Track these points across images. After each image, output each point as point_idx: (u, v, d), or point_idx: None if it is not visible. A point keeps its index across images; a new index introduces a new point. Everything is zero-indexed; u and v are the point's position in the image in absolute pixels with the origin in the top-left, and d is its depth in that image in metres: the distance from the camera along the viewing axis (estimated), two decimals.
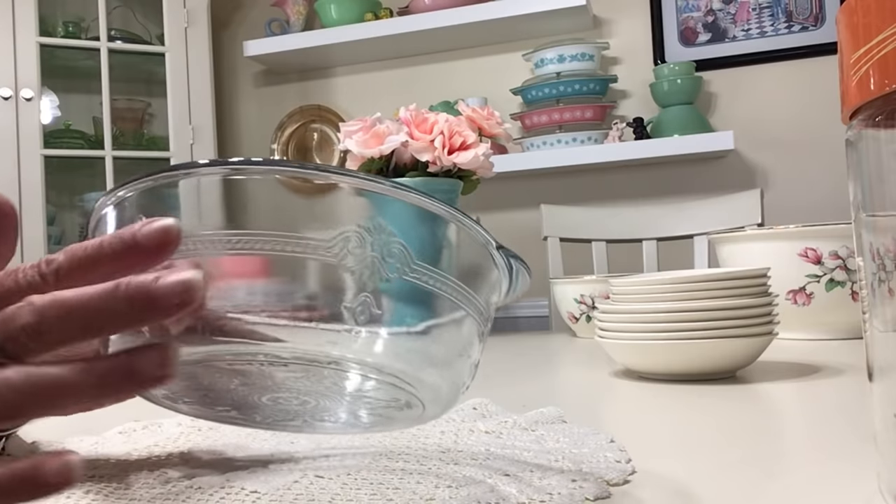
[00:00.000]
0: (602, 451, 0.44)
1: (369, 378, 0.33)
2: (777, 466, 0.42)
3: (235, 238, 0.31)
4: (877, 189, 0.30)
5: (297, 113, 2.44)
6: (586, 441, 0.47)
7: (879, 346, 0.31)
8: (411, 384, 0.33)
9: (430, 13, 2.08)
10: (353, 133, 1.16)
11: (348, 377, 0.33)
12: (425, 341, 0.33)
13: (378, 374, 0.32)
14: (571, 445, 0.46)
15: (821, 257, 0.95)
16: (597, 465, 0.41)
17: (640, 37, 2.11)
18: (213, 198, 0.33)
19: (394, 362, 0.32)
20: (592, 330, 0.82)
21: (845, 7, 0.30)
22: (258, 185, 0.32)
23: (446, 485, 0.39)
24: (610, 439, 0.47)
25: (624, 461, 0.42)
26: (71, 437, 0.54)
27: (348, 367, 0.32)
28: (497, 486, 0.38)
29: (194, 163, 0.32)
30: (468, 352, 0.35)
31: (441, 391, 0.35)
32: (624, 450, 0.45)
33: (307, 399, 0.36)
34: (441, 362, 0.34)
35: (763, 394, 0.64)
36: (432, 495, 0.38)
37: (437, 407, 0.36)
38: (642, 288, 0.73)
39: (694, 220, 1.62)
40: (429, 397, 0.34)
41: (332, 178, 0.32)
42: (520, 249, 2.00)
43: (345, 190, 0.32)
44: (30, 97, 2.03)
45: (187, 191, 0.32)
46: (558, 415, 0.55)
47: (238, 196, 0.33)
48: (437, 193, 1.16)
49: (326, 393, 0.35)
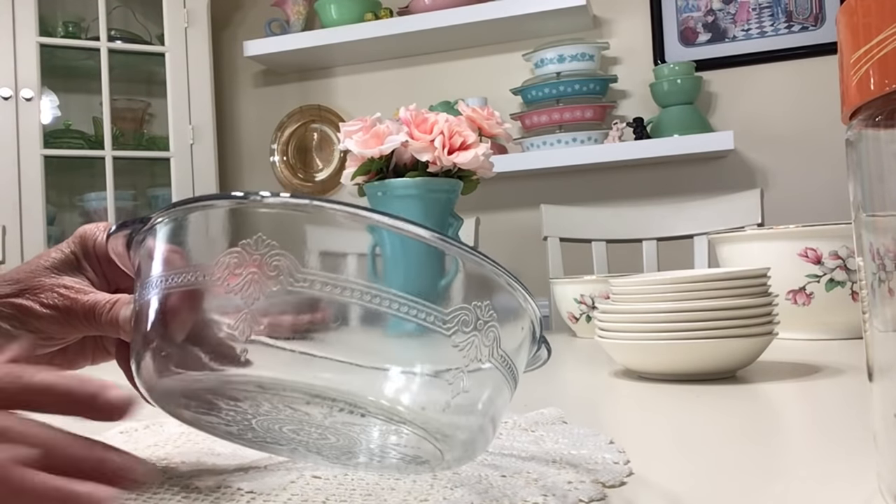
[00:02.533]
0: (601, 452, 0.44)
1: (405, 431, 0.33)
2: (777, 466, 0.42)
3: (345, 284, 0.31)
4: (877, 189, 0.30)
5: (297, 113, 2.44)
6: (585, 442, 0.47)
7: (879, 346, 0.31)
8: (440, 440, 0.34)
9: (430, 13, 2.08)
10: (353, 133, 1.16)
11: (389, 428, 0.34)
12: (467, 408, 0.34)
13: (417, 429, 0.33)
14: (570, 447, 0.46)
15: (821, 257, 0.95)
16: (594, 467, 0.41)
17: (639, 37, 2.11)
18: (305, 233, 0.33)
19: (439, 417, 0.33)
20: (592, 330, 0.82)
21: (845, 7, 0.30)
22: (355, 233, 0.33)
23: (441, 485, 0.39)
24: (609, 440, 0.47)
25: (622, 462, 0.42)
26: None
27: (394, 418, 0.33)
28: (492, 487, 0.38)
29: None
30: (501, 417, 0.37)
31: (468, 450, 0.36)
32: (623, 451, 0.44)
33: (329, 437, 0.36)
34: (477, 427, 0.35)
35: (763, 394, 0.64)
36: (427, 496, 0.38)
37: (455, 462, 0.36)
38: (642, 288, 0.73)
39: (694, 220, 1.62)
40: (452, 456, 0.35)
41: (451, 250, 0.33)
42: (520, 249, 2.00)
43: (461, 265, 0.34)
44: (30, 97, 2.03)
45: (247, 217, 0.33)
46: (559, 416, 0.55)
47: (330, 241, 0.33)
48: (437, 193, 1.16)
49: (353, 435, 0.35)
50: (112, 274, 0.45)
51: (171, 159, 2.18)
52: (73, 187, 2.32)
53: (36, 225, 2.02)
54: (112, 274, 0.45)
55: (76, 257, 0.45)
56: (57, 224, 2.29)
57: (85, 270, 0.45)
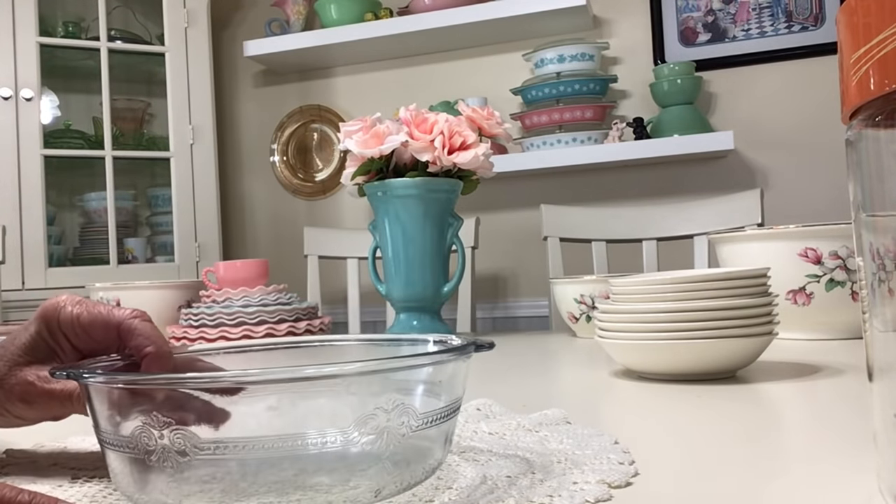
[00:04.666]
0: (605, 452, 0.44)
1: None
2: (777, 466, 0.42)
3: None
4: (877, 189, 0.30)
5: (297, 113, 2.44)
6: (590, 443, 0.47)
7: (879, 346, 0.31)
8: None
9: (430, 13, 2.08)
10: (353, 133, 1.16)
11: None
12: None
13: None
14: (575, 447, 0.46)
15: (821, 257, 0.95)
16: (599, 467, 0.41)
17: (640, 37, 2.11)
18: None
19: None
20: (592, 330, 0.82)
21: (845, 7, 0.30)
22: None
23: (446, 486, 0.39)
24: (614, 441, 0.47)
25: (627, 463, 0.42)
26: (73, 437, 0.54)
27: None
28: (497, 488, 0.38)
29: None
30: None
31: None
32: (627, 451, 0.44)
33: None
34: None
35: (763, 394, 0.64)
36: (432, 497, 0.38)
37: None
38: (642, 288, 0.73)
39: (694, 220, 1.62)
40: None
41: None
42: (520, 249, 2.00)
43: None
44: (30, 97, 2.03)
45: None
46: (563, 416, 0.55)
47: None
48: (437, 193, 1.16)
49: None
50: (81, 342, 0.47)
51: (171, 159, 2.18)
52: (73, 187, 2.32)
53: (36, 225, 2.02)
54: (81, 342, 0.47)
55: (42, 338, 0.47)
56: (57, 224, 2.29)
57: (56, 349, 0.47)
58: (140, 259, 2.26)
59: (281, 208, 2.46)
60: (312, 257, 1.87)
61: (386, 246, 1.20)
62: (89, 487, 0.42)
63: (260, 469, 0.35)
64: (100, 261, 2.16)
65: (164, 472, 0.35)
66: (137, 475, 0.36)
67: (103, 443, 0.38)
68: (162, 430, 0.34)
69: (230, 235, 2.47)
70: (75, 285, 1.92)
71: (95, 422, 0.38)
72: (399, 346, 0.52)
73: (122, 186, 2.25)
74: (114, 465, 0.37)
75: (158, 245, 2.32)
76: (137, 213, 2.40)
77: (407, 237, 1.17)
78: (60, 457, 0.50)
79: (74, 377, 0.38)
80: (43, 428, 0.50)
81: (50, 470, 0.46)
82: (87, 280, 1.68)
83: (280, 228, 2.45)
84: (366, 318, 2.01)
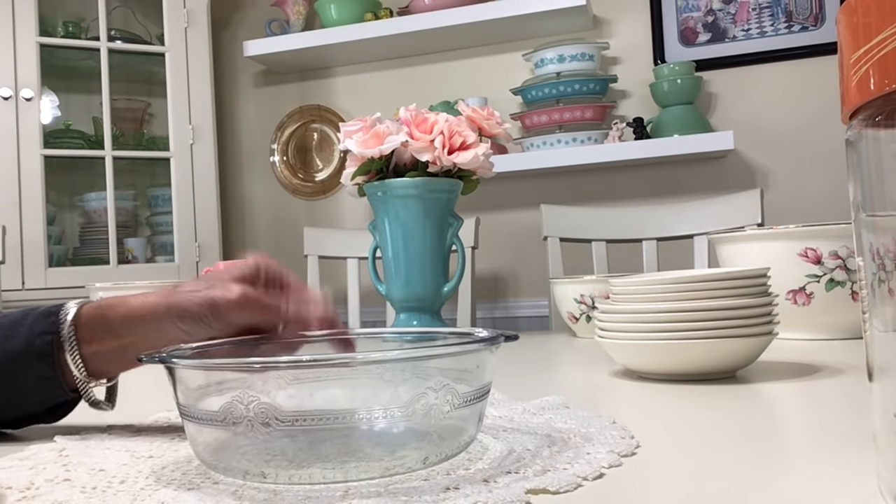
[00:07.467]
0: (607, 430, 0.49)
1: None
2: (777, 466, 0.42)
3: None
4: (877, 189, 0.30)
5: (297, 113, 2.44)
6: (591, 422, 0.52)
7: (879, 346, 0.31)
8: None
9: (430, 13, 2.08)
10: (353, 133, 1.16)
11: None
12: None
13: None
14: (579, 426, 0.51)
15: (821, 257, 0.95)
16: (606, 441, 0.46)
17: (639, 37, 2.11)
18: None
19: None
20: (592, 330, 0.82)
21: (845, 7, 0.30)
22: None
23: (478, 457, 0.44)
24: (612, 420, 0.52)
25: (628, 437, 0.47)
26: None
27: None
28: (523, 458, 0.43)
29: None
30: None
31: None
32: (626, 428, 0.49)
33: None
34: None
35: (763, 394, 0.64)
36: (468, 466, 0.42)
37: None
38: (642, 288, 0.73)
39: (694, 220, 1.62)
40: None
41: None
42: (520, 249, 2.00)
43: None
44: (30, 97, 2.03)
45: None
46: (562, 401, 0.60)
47: None
48: (437, 193, 1.16)
49: None
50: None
51: (171, 159, 2.18)
52: (73, 187, 2.32)
53: (36, 225, 2.02)
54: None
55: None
56: (57, 224, 2.29)
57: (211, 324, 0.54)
58: (140, 259, 2.26)
59: (281, 208, 2.46)
60: (312, 257, 1.87)
61: (386, 246, 1.20)
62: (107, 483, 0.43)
63: (324, 440, 0.40)
64: (100, 261, 2.16)
65: (247, 440, 0.40)
66: (221, 444, 0.41)
67: (186, 416, 0.42)
68: (249, 404, 0.39)
69: (230, 235, 2.47)
70: (75, 285, 1.92)
71: (178, 399, 0.43)
72: (437, 338, 0.58)
73: (122, 186, 2.25)
74: (197, 436, 0.42)
75: (158, 245, 2.32)
76: (137, 213, 2.40)
77: (407, 237, 1.17)
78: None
79: (162, 361, 0.42)
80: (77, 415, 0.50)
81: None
82: (87, 280, 1.68)
83: (280, 228, 2.45)
84: (366, 318, 2.01)
